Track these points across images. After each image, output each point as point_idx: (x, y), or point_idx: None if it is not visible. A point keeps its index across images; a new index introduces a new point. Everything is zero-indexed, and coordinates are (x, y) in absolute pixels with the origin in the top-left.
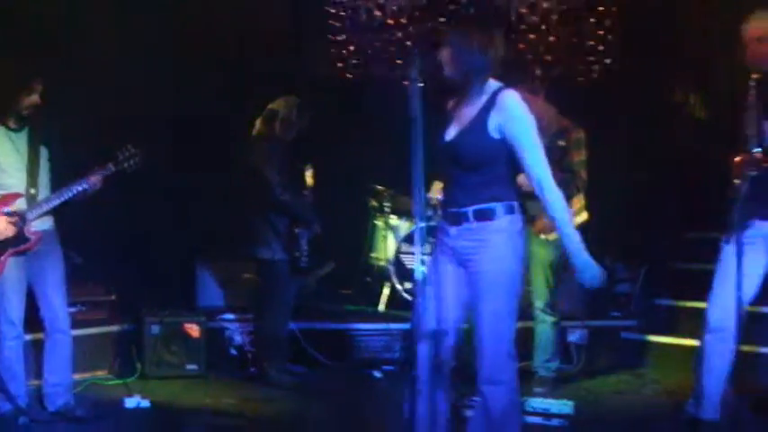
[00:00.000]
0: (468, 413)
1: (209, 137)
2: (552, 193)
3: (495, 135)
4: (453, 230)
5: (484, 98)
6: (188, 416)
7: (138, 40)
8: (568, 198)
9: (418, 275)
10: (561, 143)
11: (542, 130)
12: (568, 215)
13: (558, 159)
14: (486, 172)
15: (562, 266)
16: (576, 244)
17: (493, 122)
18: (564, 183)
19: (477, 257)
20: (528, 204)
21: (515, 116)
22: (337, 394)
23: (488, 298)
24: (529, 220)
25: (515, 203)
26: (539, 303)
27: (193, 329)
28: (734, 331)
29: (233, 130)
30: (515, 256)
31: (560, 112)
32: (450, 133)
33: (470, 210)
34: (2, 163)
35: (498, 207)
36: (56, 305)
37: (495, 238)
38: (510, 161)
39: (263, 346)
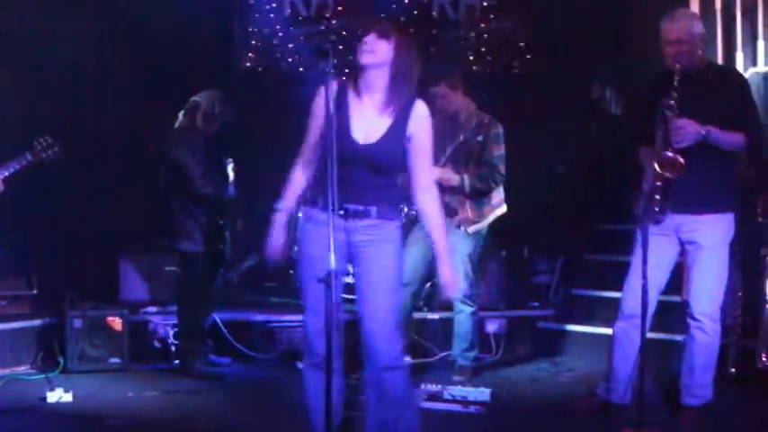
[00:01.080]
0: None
1: (133, 130)
2: (435, 202)
3: (407, 142)
4: (351, 225)
5: (397, 105)
6: (111, 409)
7: (66, 30)
8: (486, 192)
9: (330, 266)
10: (480, 138)
11: (461, 124)
12: (443, 227)
13: (477, 154)
14: (392, 175)
15: (479, 258)
16: (444, 254)
17: (409, 130)
18: (482, 177)
19: (373, 251)
20: (449, 198)
21: (426, 127)
22: (261, 386)
23: (384, 289)
24: (450, 212)
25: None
26: (457, 293)
27: (116, 323)
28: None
29: (156, 122)
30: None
31: (480, 106)
32: (360, 134)
33: (373, 209)
34: None
35: (397, 208)
36: None
37: (395, 235)
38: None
39: (187, 338)
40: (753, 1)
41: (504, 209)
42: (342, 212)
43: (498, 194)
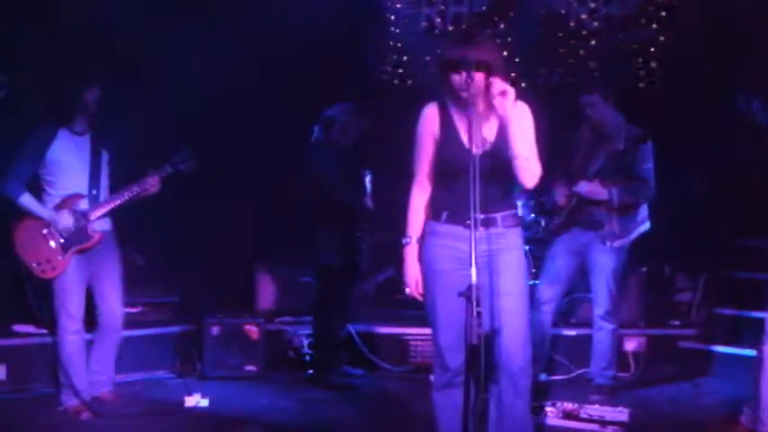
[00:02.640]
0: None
1: (271, 141)
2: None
3: None
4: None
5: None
6: (245, 416)
7: (194, 40)
8: (636, 206)
9: (472, 279)
10: (629, 152)
11: (608, 137)
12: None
13: (626, 168)
14: (510, 181)
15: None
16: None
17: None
18: (632, 191)
19: (500, 260)
20: (593, 211)
21: (524, 116)
22: (394, 398)
23: (515, 296)
24: (595, 225)
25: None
26: (598, 311)
27: (252, 331)
28: None
29: (293, 134)
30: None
31: (630, 120)
32: (473, 144)
33: (499, 216)
34: (67, 165)
35: (517, 216)
36: (112, 304)
37: (518, 242)
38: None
39: (321, 348)
40: None
41: (647, 225)
42: (468, 223)
43: (643, 210)
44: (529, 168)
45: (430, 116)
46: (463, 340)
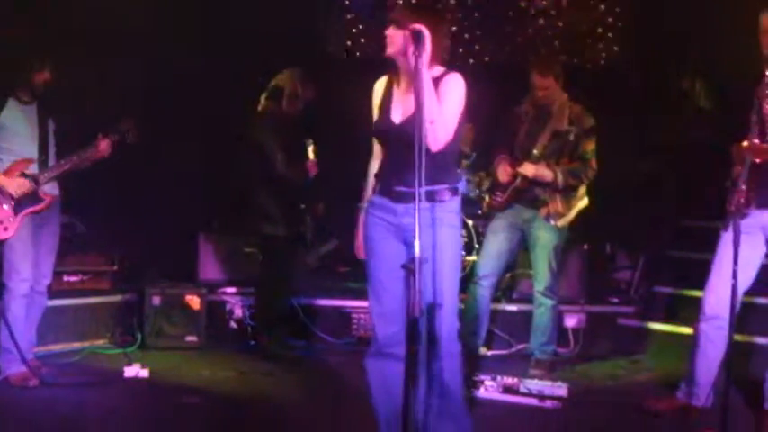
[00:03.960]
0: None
1: (217, 109)
2: None
3: None
4: (400, 208)
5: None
6: (186, 387)
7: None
8: (577, 187)
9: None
10: (573, 131)
11: (553, 115)
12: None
13: (570, 148)
14: (440, 156)
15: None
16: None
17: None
18: (575, 172)
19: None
20: (539, 190)
21: (452, 88)
22: (335, 370)
23: (442, 272)
24: (539, 204)
25: (458, 186)
26: (539, 286)
27: (194, 301)
28: (728, 320)
29: (240, 102)
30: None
31: (573, 98)
32: (397, 115)
33: (423, 190)
34: (16, 131)
35: (450, 190)
36: (43, 270)
37: (447, 217)
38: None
39: (263, 319)
40: None
41: (586, 201)
42: (394, 195)
43: (582, 187)
44: (433, 132)
45: (377, 87)
46: (393, 311)
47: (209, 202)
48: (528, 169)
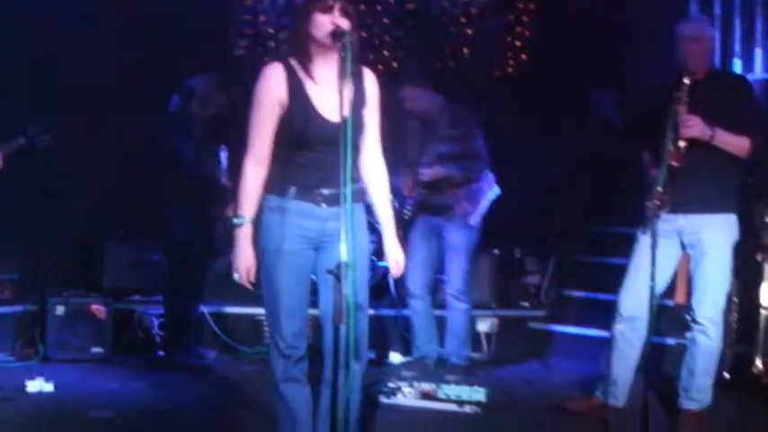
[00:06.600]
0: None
1: (124, 114)
2: (386, 176)
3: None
4: (326, 212)
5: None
6: (94, 400)
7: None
8: (473, 181)
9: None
10: (457, 131)
11: (435, 121)
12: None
13: (458, 147)
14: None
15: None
16: (392, 229)
17: (366, 97)
18: (468, 167)
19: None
20: (442, 197)
21: (377, 91)
22: (246, 380)
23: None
24: (447, 209)
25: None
26: (451, 290)
27: (100, 311)
28: (645, 321)
29: (150, 106)
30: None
31: (452, 99)
32: (327, 112)
33: (353, 191)
34: None
35: (363, 189)
36: None
37: (363, 221)
38: None
39: (172, 329)
40: (751, 9)
41: (496, 191)
42: (319, 198)
43: (487, 179)
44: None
45: (275, 79)
46: (304, 326)
47: (115, 206)
48: (424, 175)
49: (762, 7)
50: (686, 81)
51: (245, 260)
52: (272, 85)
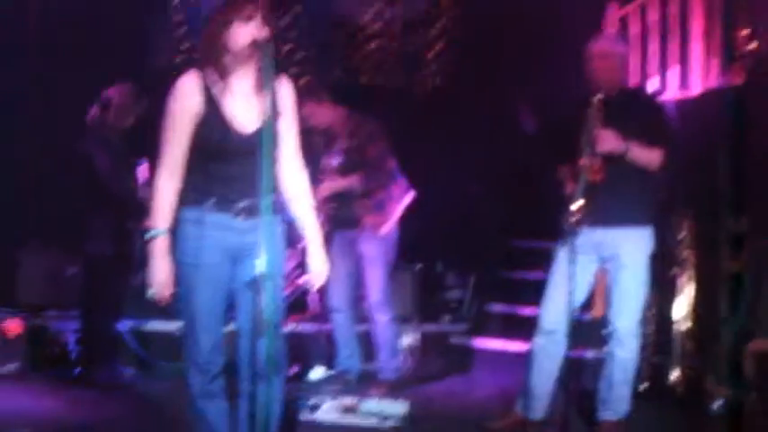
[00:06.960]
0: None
1: (40, 123)
2: (307, 184)
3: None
4: (245, 224)
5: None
6: (7, 419)
7: None
8: (375, 190)
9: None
10: (356, 142)
11: (336, 135)
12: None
13: (359, 158)
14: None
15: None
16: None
17: (280, 106)
18: (369, 177)
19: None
20: (349, 210)
21: (293, 99)
22: (166, 397)
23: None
24: (356, 222)
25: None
26: (372, 302)
27: (13, 326)
28: (565, 334)
29: (66, 115)
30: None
31: (352, 111)
32: (241, 123)
33: (271, 202)
34: None
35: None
36: None
37: (280, 232)
38: None
39: (90, 345)
40: (666, 28)
41: (410, 196)
42: (237, 210)
43: (398, 187)
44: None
45: (189, 89)
46: (220, 340)
47: (30, 217)
48: (325, 189)
49: (678, 26)
50: (598, 97)
51: (162, 273)
52: (186, 96)
